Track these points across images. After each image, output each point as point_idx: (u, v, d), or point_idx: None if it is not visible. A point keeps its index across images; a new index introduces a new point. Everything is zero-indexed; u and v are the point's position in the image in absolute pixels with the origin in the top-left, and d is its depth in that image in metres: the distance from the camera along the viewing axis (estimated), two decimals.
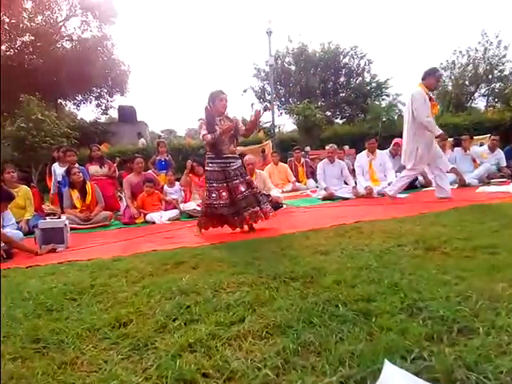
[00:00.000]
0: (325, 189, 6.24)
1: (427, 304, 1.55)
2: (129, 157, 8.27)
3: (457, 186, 6.12)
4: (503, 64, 21.81)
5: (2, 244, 3.47)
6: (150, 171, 6.75)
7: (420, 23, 53.78)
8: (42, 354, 1.44)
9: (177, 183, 6.34)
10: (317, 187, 7.34)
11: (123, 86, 22.72)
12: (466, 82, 22.77)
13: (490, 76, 22.16)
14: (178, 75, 72.72)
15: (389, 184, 5.81)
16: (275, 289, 1.90)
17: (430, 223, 3.29)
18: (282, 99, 23.83)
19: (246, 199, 3.79)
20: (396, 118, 16.01)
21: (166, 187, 6.22)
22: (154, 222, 5.23)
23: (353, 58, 23.17)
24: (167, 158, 7.41)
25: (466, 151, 7.13)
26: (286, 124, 23.63)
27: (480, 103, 23.44)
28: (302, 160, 8.88)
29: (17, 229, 4.33)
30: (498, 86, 22.17)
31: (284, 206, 5.55)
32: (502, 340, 1.26)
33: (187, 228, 4.56)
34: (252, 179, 4.13)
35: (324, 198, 6.12)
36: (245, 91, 24.12)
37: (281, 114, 23.62)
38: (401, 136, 5.26)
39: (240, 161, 3.95)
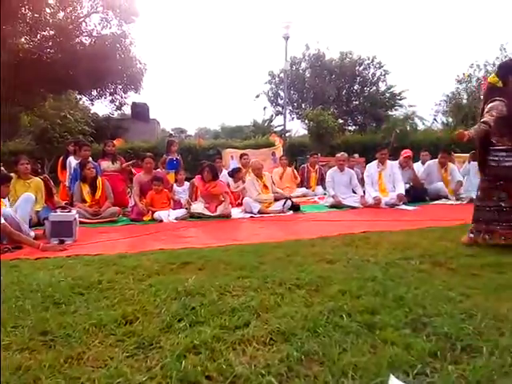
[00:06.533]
0: (333, 196, 6.23)
1: (432, 320, 1.56)
2: (141, 155, 8.30)
3: (466, 201, 6.02)
4: None
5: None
6: (158, 170, 6.79)
7: (439, 36, 53.32)
8: (49, 346, 1.47)
9: (186, 183, 6.36)
10: (325, 194, 7.32)
11: (138, 83, 22.85)
12: (482, 97, 22.57)
13: None
14: (191, 76, 73.57)
15: (397, 196, 5.82)
16: (280, 295, 1.92)
17: (438, 238, 3.27)
18: (295, 104, 23.84)
19: None
20: (408, 128, 15.91)
21: (175, 186, 6.26)
22: (161, 220, 5.26)
23: (369, 68, 23.11)
24: (178, 158, 7.45)
25: None
26: (297, 129, 23.62)
27: None
28: (316, 166, 8.86)
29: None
30: None
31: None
32: (505, 361, 1.26)
33: (194, 228, 4.58)
34: None
35: (331, 206, 6.11)
36: (257, 96, 24.14)
37: (292, 118, 23.66)
38: (412, 148, 5.21)
39: None
